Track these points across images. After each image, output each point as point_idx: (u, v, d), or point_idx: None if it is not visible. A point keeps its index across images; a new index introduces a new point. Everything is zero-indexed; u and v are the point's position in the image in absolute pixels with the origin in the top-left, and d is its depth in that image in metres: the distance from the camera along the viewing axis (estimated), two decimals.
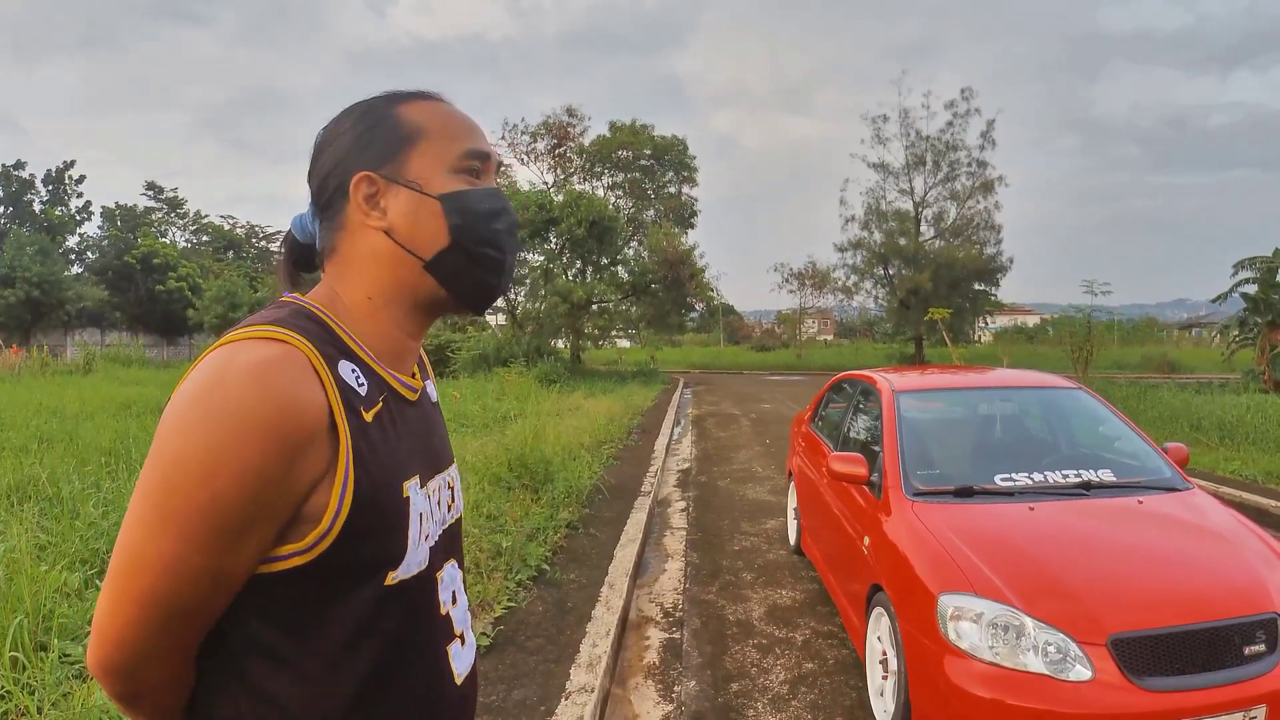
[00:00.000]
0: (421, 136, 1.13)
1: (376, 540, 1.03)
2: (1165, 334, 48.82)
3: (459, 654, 1.21)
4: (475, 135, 1.18)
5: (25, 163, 49.82)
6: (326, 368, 0.99)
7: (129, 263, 44.07)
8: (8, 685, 3.33)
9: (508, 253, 1.17)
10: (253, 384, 0.91)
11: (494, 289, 1.18)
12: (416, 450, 1.15)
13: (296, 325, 1.01)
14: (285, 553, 0.97)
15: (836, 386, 6.50)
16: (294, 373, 0.95)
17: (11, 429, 9.95)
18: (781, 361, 43.44)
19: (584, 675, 4.05)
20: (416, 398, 1.21)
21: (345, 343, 1.08)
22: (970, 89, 34.89)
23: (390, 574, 1.05)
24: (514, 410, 14.03)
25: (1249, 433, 11.50)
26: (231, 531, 0.92)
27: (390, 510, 1.04)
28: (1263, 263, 21.18)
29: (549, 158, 32.72)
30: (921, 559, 3.56)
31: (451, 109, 1.19)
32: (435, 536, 1.16)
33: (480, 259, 1.14)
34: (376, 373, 1.10)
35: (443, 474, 1.23)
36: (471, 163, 1.15)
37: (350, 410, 1.01)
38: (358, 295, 1.13)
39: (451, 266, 1.13)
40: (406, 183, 1.11)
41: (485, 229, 1.13)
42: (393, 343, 1.15)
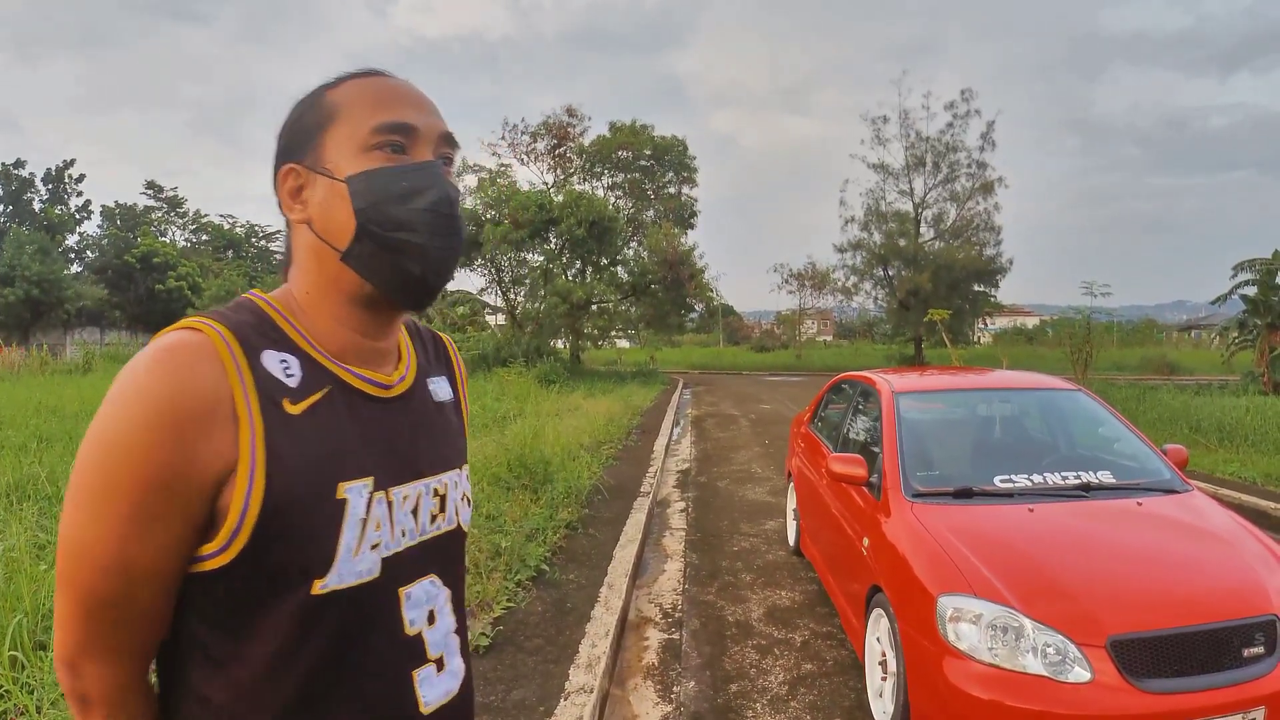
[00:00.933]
0: (337, 116, 1.06)
1: (297, 543, 0.95)
2: (1165, 335, 48.84)
3: (430, 680, 1.11)
4: (396, 106, 1.06)
5: (25, 161, 49.87)
6: (244, 357, 0.96)
7: (129, 262, 44.06)
8: (7, 684, 3.33)
9: (432, 235, 1.03)
10: (147, 369, 0.91)
11: (417, 279, 1.05)
12: (376, 451, 1.06)
13: (225, 316, 0.99)
14: (207, 552, 0.94)
15: (836, 387, 6.50)
16: (189, 358, 0.92)
17: (11, 428, 9.95)
18: (781, 362, 43.41)
19: (583, 676, 4.05)
20: (393, 395, 1.12)
21: (286, 335, 1.03)
22: (970, 90, 34.93)
23: (318, 582, 0.96)
24: (513, 410, 14.03)
25: (1248, 435, 11.49)
26: (136, 519, 0.90)
27: (313, 510, 0.96)
28: (1262, 264, 21.19)
29: (549, 158, 32.71)
30: (921, 560, 3.56)
31: (379, 81, 1.09)
32: (396, 548, 1.06)
33: (393, 246, 1.02)
34: (322, 365, 1.04)
35: (425, 481, 1.13)
36: (388, 137, 1.03)
37: (266, 401, 0.96)
38: (299, 291, 1.08)
39: (364, 256, 1.03)
40: (321, 170, 1.05)
41: (398, 211, 1.01)
42: (341, 339, 1.08)
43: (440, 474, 1.17)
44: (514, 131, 32.10)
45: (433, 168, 1.05)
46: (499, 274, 30.30)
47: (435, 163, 1.06)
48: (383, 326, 1.11)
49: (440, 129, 1.09)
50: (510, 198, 27.44)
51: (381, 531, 1.03)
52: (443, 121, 1.11)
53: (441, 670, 1.14)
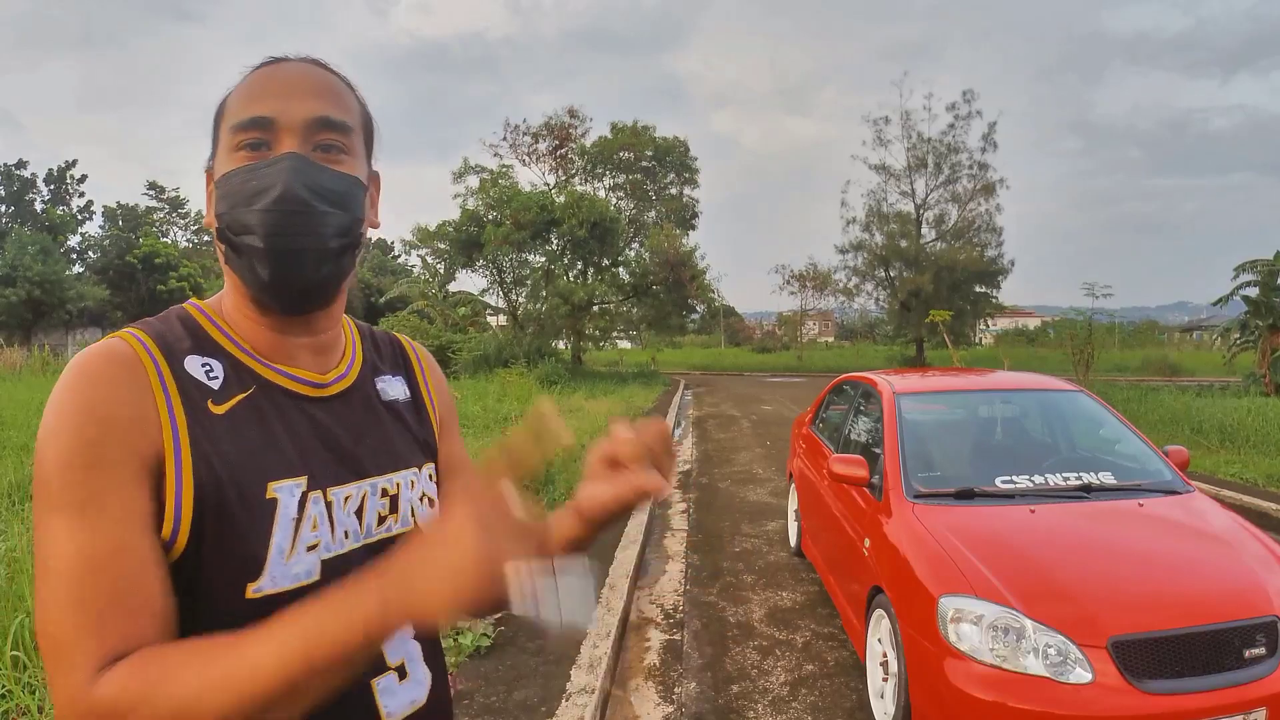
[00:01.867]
0: (222, 118, 1.02)
1: (227, 543, 0.92)
2: (1166, 337, 48.75)
3: (391, 689, 1.06)
4: (258, 99, 1.00)
5: (27, 162, 50.01)
6: (164, 360, 0.95)
7: (130, 262, 44.11)
8: (9, 684, 3.34)
9: (271, 236, 0.96)
10: (72, 380, 0.90)
11: (267, 283, 0.98)
12: (309, 450, 1.02)
13: (151, 325, 0.99)
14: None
15: (837, 389, 6.50)
16: (110, 365, 0.91)
17: (12, 428, 9.95)
18: (782, 363, 43.38)
19: (584, 676, 4.05)
20: (330, 394, 1.08)
21: (213, 338, 1.02)
22: (972, 91, 34.91)
23: (250, 586, 0.92)
24: (515, 411, 14.03)
25: (1250, 436, 11.49)
26: (106, 503, 0.86)
27: (242, 510, 0.93)
28: (1264, 266, 21.15)
29: (550, 159, 32.74)
30: (922, 561, 3.56)
31: (256, 73, 1.03)
32: (339, 549, 1.01)
33: (242, 249, 0.98)
34: (247, 366, 1.01)
35: (371, 480, 1.08)
36: (244, 135, 0.98)
37: (189, 403, 0.94)
38: (225, 294, 1.07)
39: (230, 259, 1.00)
40: (212, 174, 1.03)
41: (244, 213, 0.96)
42: (265, 338, 1.05)
43: (389, 474, 1.11)
44: (515, 132, 32.15)
45: (281, 162, 0.97)
46: (500, 275, 30.31)
47: (285, 157, 0.97)
48: (295, 324, 1.06)
49: (308, 114, 1.00)
50: (511, 198, 27.47)
51: (319, 532, 1.00)
52: (319, 103, 1.02)
53: (404, 679, 1.08)
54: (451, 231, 28.82)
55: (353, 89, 1.10)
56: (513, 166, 31.29)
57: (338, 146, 1.03)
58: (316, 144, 1.01)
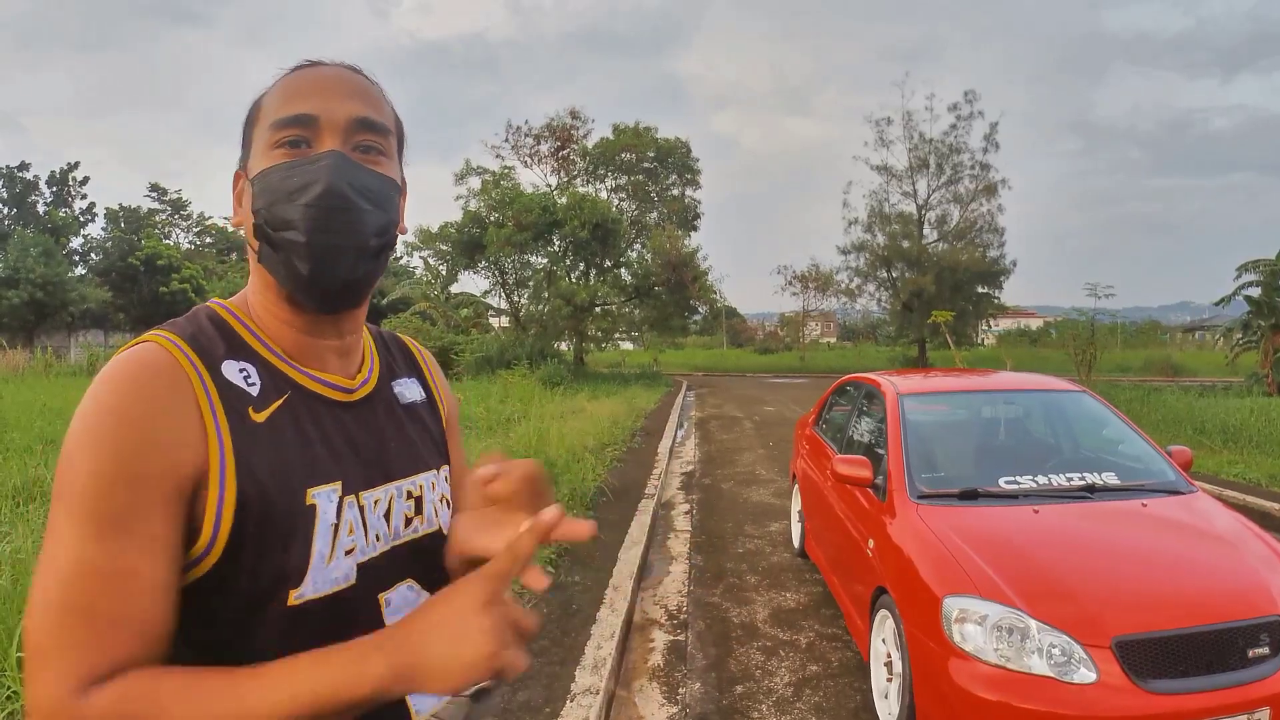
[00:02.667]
0: (258, 117, 1.04)
1: (269, 552, 0.92)
2: (1168, 337, 48.73)
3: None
4: (298, 98, 1.01)
5: (29, 164, 50.10)
6: (204, 367, 0.94)
7: (133, 264, 44.14)
8: (16, 686, 3.35)
9: (314, 232, 0.96)
10: (112, 386, 0.89)
11: (306, 279, 0.98)
12: (342, 455, 1.03)
13: (183, 328, 0.98)
14: (187, 562, 0.90)
15: (840, 389, 6.51)
16: (152, 373, 0.90)
17: (16, 430, 9.98)
18: (784, 364, 43.39)
19: (589, 677, 4.06)
20: (357, 398, 1.10)
21: (246, 341, 1.01)
22: (974, 91, 34.87)
23: (293, 592, 0.93)
24: (518, 412, 14.05)
25: (1252, 436, 11.49)
26: (125, 524, 0.85)
27: (284, 519, 0.93)
28: (1266, 266, 21.15)
29: (552, 160, 32.74)
30: (926, 561, 3.57)
31: (294, 74, 1.05)
32: (372, 553, 1.03)
33: (281, 245, 0.98)
34: (281, 371, 1.02)
35: (397, 483, 1.09)
36: (285, 132, 0.99)
37: (231, 411, 0.94)
38: (250, 293, 1.07)
39: (265, 256, 1.00)
40: (246, 172, 1.04)
41: (285, 209, 0.97)
42: (294, 340, 1.05)
43: (413, 475, 1.13)
44: (517, 134, 32.15)
45: (324, 159, 0.98)
46: (503, 276, 30.34)
47: (329, 154, 0.98)
48: (325, 326, 1.06)
49: (350, 114, 1.01)
50: (513, 200, 27.50)
51: (355, 536, 1.01)
52: (359, 104, 1.03)
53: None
54: (454, 233, 28.86)
55: (385, 96, 1.11)
56: (514, 168, 31.35)
57: (376, 148, 1.04)
58: (356, 144, 1.02)
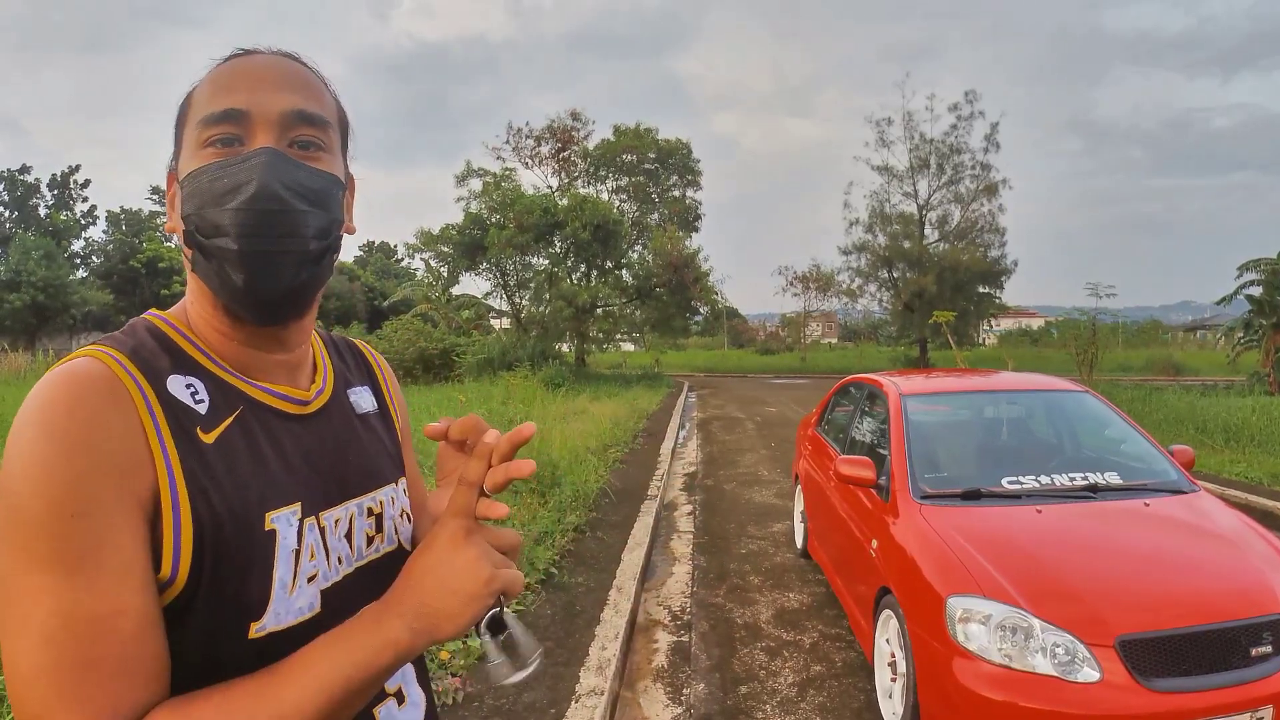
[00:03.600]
0: (187, 113, 0.94)
1: (227, 583, 0.84)
2: (1170, 336, 48.69)
3: (393, 714, 1.03)
4: (228, 91, 0.91)
5: (30, 167, 50.16)
6: (147, 383, 0.85)
7: (134, 267, 44.25)
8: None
9: (247, 238, 0.87)
10: (48, 406, 0.79)
11: (242, 290, 0.89)
12: (299, 474, 0.95)
13: (122, 341, 0.89)
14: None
15: (842, 390, 6.52)
16: (91, 392, 0.80)
17: None
18: (785, 365, 43.39)
19: (593, 678, 4.08)
20: (311, 411, 1.01)
21: (188, 355, 0.92)
22: (974, 92, 34.86)
23: (253, 625, 0.85)
24: (519, 414, 14.02)
25: (1254, 435, 11.49)
26: (80, 559, 0.76)
27: (241, 546, 0.85)
28: (1267, 265, 21.15)
29: (553, 161, 32.76)
30: (929, 561, 3.58)
31: (225, 65, 0.95)
32: (335, 577, 0.96)
33: (213, 253, 0.88)
34: (230, 385, 0.93)
35: (356, 501, 1.02)
36: (214, 130, 0.90)
37: (179, 431, 0.85)
38: (189, 305, 0.98)
39: (198, 265, 0.91)
40: (177, 174, 0.95)
41: (215, 213, 0.87)
42: (237, 353, 0.96)
43: (372, 491, 1.05)
44: (518, 135, 32.18)
45: (256, 157, 0.88)
46: (504, 277, 30.34)
47: (260, 151, 0.89)
48: (268, 339, 0.97)
49: (284, 107, 0.92)
50: (514, 201, 27.50)
51: (317, 561, 0.93)
52: (296, 96, 0.94)
53: (403, 704, 1.05)
54: (455, 234, 28.86)
55: (327, 85, 1.02)
56: (515, 169, 31.35)
57: (315, 143, 0.95)
58: (293, 139, 0.93)
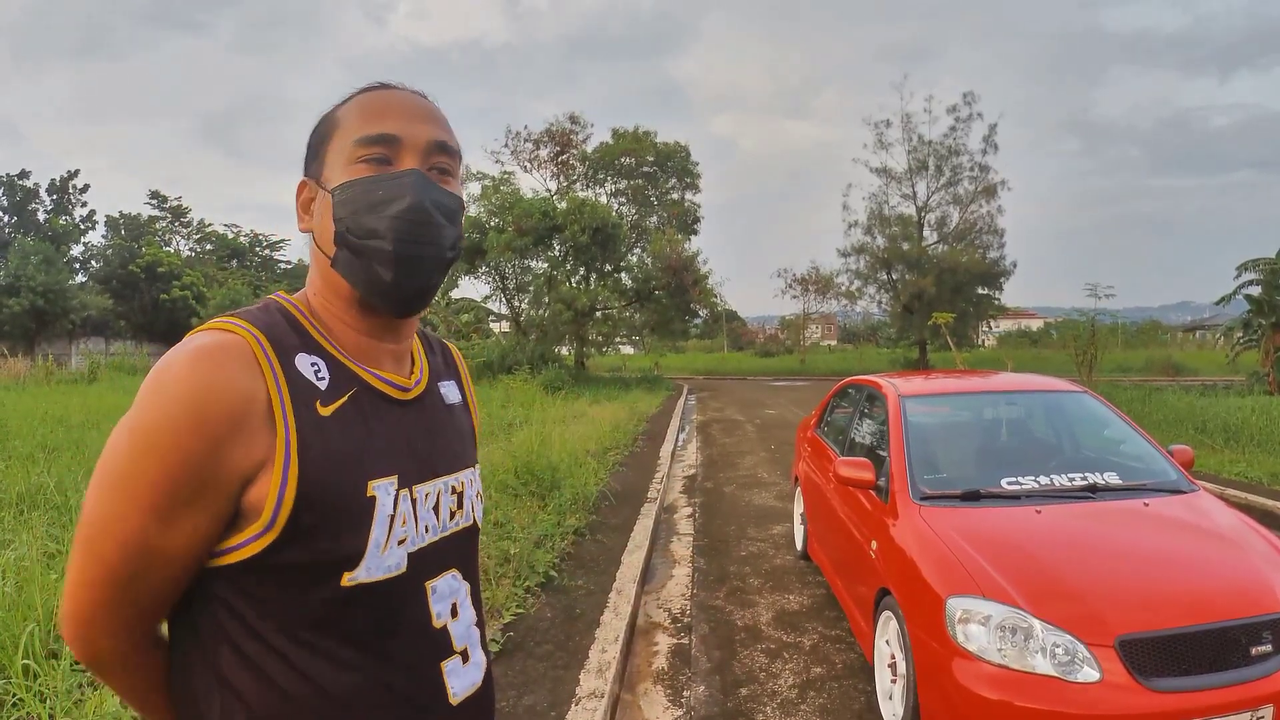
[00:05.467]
0: (334, 132, 1.11)
1: (328, 537, 0.99)
2: (1169, 337, 48.72)
3: (457, 671, 1.16)
4: (381, 118, 1.09)
5: (29, 172, 50.19)
6: (277, 358, 1.00)
7: (133, 271, 44.16)
8: (20, 693, 3.35)
9: (400, 242, 1.05)
10: (184, 368, 0.95)
11: (389, 285, 1.07)
12: (399, 450, 1.11)
13: (258, 318, 1.04)
14: (234, 544, 0.98)
15: (842, 392, 6.51)
16: (226, 359, 0.96)
17: (18, 438, 9.97)
18: (785, 367, 43.42)
19: (593, 681, 4.07)
20: (411, 397, 1.17)
21: (314, 337, 1.08)
22: (972, 93, 34.95)
23: (347, 575, 1.01)
24: (519, 417, 14.05)
25: (1254, 435, 11.49)
26: (158, 508, 0.94)
27: (345, 508, 1.01)
28: (1266, 265, 21.15)
29: (552, 165, 32.78)
30: (929, 562, 3.57)
31: (374, 95, 1.13)
32: (421, 543, 1.11)
33: (365, 252, 1.06)
34: (348, 368, 1.09)
35: (444, 479, 1.18)
36: (369, 150, 1.07)
37: (300, 403, 1.00)
38: (312, 296, 1.14)
39: (344, 263, 1.08)
40: (320, 182, 1.11)
41: (370, 219, 1.05)
42: (356, 341, 1.12)
43: (457, 472, 1.22)
44: (517, 139, 32.22)
45: (407, 176, 1.07)
46: (503, 281, 30.36)
47: (411, 172, 1.07)
48: (386, 330, 1.15)
49: (429, 137, 1.11)
50: (514, 205, 27.52)
51: (407, 527, 1.08)
52: (437, 129, 1.13)
53: (467, 662, 1.18)
54: None
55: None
56: (514, 173, 31.40)
57: (448, 170, 1.14)
58: (433, 165, 1.12)
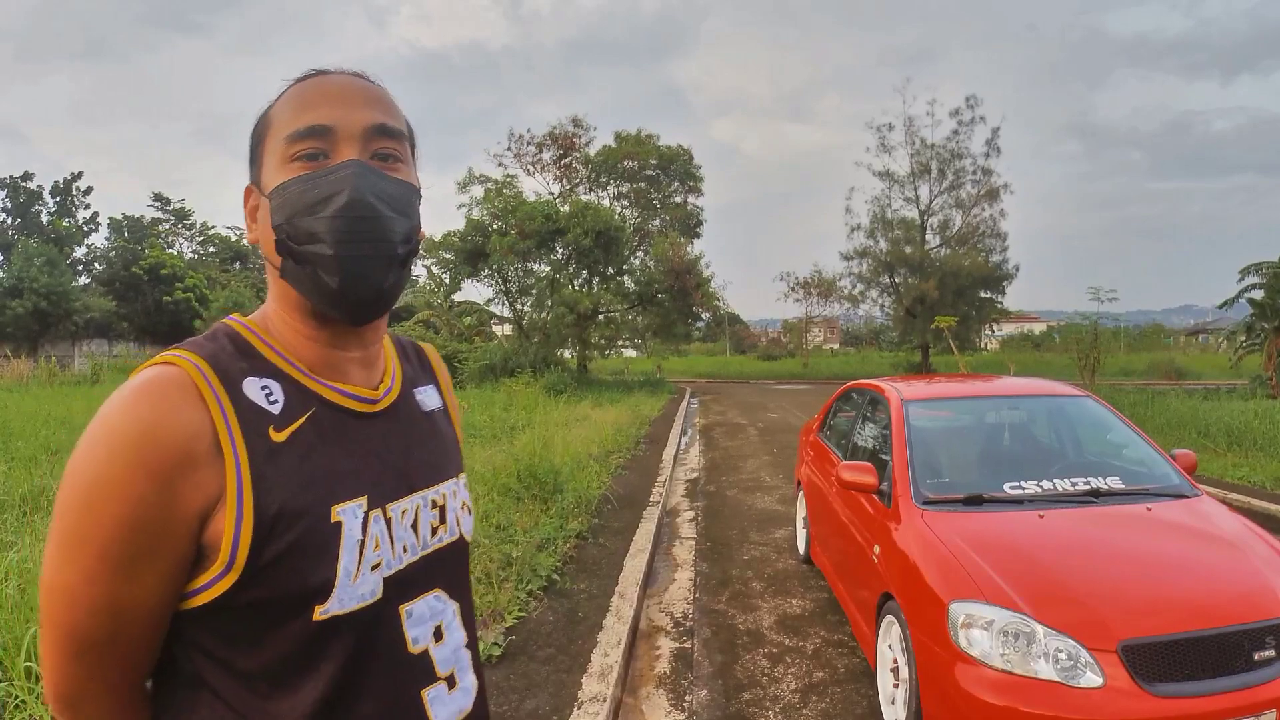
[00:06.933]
0: (269, 130, 1.02)
1: (293, 571, 0.92)
2: (1172, 340, 48.72)
3: (441, 699, 1.08)
4: (312, 108, 0.99)
5: (33, 174, 50.26)
6: (222, 386, 0.93)
7: (136, 273, 44.25)
8: (23, 695, 3.36)
9: (341, 243, 0.95)
10: (123, 411, 0.89)
11: (336, 292, 0.97)
12: (368, 468, 1.03)
13: (202, 346, 0.97)
14: (198, 586, 0.92)
15: (844, 396, 6.51)
16: (165, 395, 0.89)
17: (20, 439, 10.00)
18: (787, 370, 43.43)
19: (596, 685, 4.07)
20: (380, 409, 1.09)
21: (265, 358, 1.00)
22: (975, 96, 34.88)
23: (318, 608, 0.93)
24: (522, 420, 14.05)
25: (1257, 439, 11.47)
26: (115, 560, 0.88)
27: (308, 538, 0.93)
28: (1269, 268, 21.13)
29: (555, 168, 32.80)
30: (932, 567, 3.57)
31: (304, 84, 1.02)
32: (399, 565, 1.03)
33: (307, 259, 0.96)
34: (305, 386, 1.01)
35: (421, 494, 1.09)
36: (302, 144, 0.98)
37: (250, 431, 0.93)
38: (270, 308, 1.06)
39: (290, 272, 0.99)
40: (259, 187, 1.02)
41: (308, 222, 0.95)
42: (316, 354, 1.04)
43: (436, 485, 1.13)
44: (519, 142, 32.22)
45: (344, 169, 0.96)
46: (506, 284, 30.37)
47: (348, 163, 0.97)
48: (348, 338, 1.06)
49: (367, 122, 1.00)
50: (516, 208, 27.56)
51: (381, 550, 1.00)
52: (375, 112, 1.02)
53: (453, 688, 1.10)
54: (457, 241, 28.92)
55: (394, 100, 1.09)
56: (517, 176, 31.43)
57: (394, 155, 1.03)
58: (374, 152, 1.01)
